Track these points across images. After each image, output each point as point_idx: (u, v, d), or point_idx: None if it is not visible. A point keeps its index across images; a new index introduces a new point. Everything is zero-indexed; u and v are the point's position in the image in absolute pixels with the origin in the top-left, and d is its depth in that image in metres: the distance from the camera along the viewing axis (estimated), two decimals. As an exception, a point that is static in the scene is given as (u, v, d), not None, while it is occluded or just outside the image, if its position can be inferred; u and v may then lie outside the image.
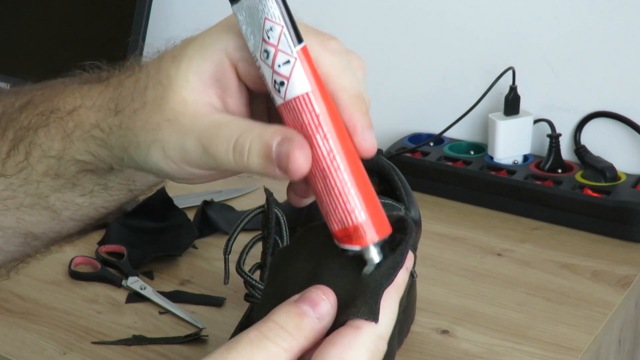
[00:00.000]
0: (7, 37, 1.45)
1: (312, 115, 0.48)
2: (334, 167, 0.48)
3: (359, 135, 0.49)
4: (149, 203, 1.07)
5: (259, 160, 0.49)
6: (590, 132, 1.16)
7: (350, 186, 0.48)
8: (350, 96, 0.50)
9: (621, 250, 1.04)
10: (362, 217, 0.49)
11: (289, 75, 0.48)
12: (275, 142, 0.48)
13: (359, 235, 0.49)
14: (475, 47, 1.22)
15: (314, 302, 0.49)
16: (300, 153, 0.47)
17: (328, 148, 0.48)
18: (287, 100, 0.48)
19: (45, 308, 0.94)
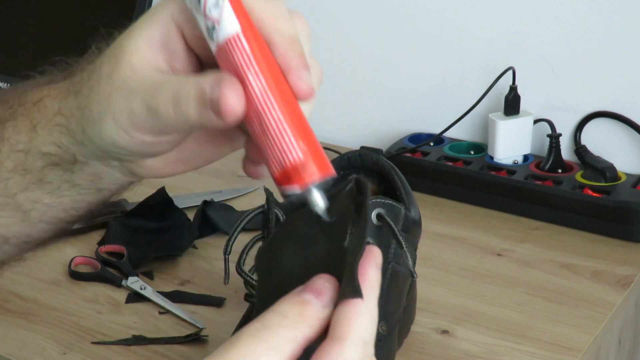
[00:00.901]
0: (7, 37, 1.45)
1: (243, 55, 0.47)
2: (267, 107, 0.47)
3: (294, 76, 0.48)
4: (149, 203, 1.07)
5: (196, 108, 0.48)
6: (590, 132, 1.16)
7: (286, 126, 0.47)
8: (284, 38, 0.49)
9: (621, 250, 1.04)
10: (300, 156, 0.47)
11: (219, 17, 0.48)
12: (208, 86, 0.48)
13: (298, 176, 0.48)
14: (475, 47, 1.22)
15: (318, 290, 0.48)
16: (231, 91, 0.47)
17: (260, 87, 0.47)
18: (219, 45, 0.48)
19: (45, 308, 0.94)
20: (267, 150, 0.48)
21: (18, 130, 0.58)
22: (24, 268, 1.01)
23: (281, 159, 0.48)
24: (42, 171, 0.59)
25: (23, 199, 0.60)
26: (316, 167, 0.48)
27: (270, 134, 0.48)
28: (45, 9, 1.42)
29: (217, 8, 0.48)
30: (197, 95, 0.48)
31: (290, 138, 0.47)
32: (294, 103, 0.48)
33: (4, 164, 0.59)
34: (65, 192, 0.60)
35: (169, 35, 0.52)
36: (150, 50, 0.52)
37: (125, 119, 0.52)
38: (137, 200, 1.08)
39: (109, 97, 0.52)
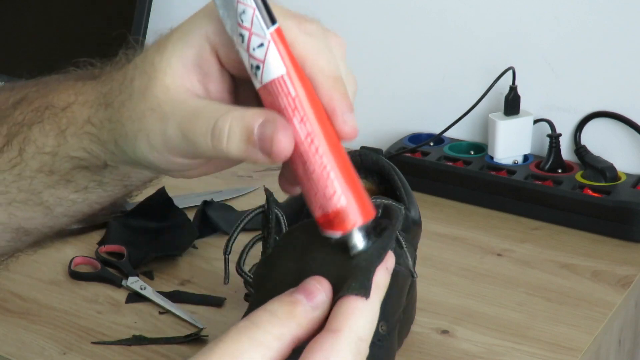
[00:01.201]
0: (7, 37, 1.45)
1: (289, 98, 0.47)
2: (312, 151, 0.47)
3: (338, 118, 0.48)
4: (149, 203, 1.07)
5: (239, 144, 0.48)
6: (590, 132, 1.16)
7: (330, 170, 0.47)
8: (328, 78, 0.49)
9: (621, 250, 1.04)
10: (343, 202, 0.48)
11: (264, 58, 0.47)
12: (256, 125, 0.47)
13: (340, 221, 0.48)
14: (475, 47, 1.22)
15: (308, 291, 0.48)
16: (283, 135, 0.46)
17: (306, 131, 0.47)
18: (264, 84, 0.48)
19: (45, 308, 0.94)
20: (309, 192, 0.48)
21: (45, 133, 0.58)
22: (24, 268, 1.01)
23: (323, 204, 0.48)
24: (70, 173, 0.59)
25: (48, 195, 0.60)
26: (358, 212, 0.48)
27: (313, 178, 0.48)
28: (45, 9, 1.42)
29: (262, 48, 0.47)
30: (243, 133, 0.47)
31: (333, 184, 0.48)
32: (338, 145, 0.48)
33: (29, 164, 0.59)
34: (92, 190, 0.60)
35: (203, 56, 0.51)
36: (184, 70, 0.51)
37: (159, 141, 0.51)
38: (137, 200, 1.08)
39: (142, 116, 0.51)
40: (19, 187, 0.60)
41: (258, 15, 0.47)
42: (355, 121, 0.49)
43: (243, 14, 0.47)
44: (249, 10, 0.47)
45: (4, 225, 0.62)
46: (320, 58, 0.49)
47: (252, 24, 0.47)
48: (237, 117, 0.48)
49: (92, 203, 0.61)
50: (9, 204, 0.60)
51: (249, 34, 0.47)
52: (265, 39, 0.47)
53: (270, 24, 0.47)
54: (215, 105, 0.50)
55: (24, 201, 0.60)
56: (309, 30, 0.50)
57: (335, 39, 0.52)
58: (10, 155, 0.59)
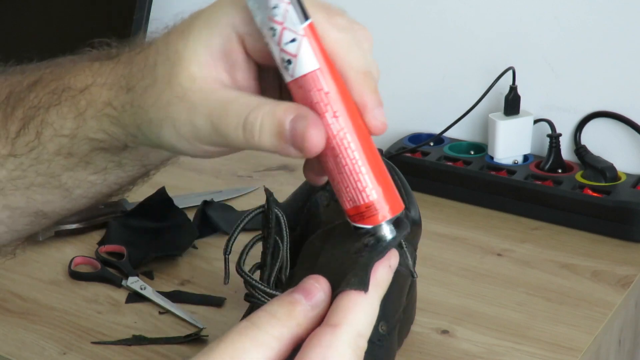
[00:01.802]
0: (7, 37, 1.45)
1: (322, 94, 0.48)
2: (344, 146, 0.48)
3: (369, 113, 0.49)
4: (149, 203, 1.07)
5: (271, 139, 0.48)
6: (590, 132, 1.16)
7: (362, 164, 0.48)
8: (359, 73, 0.49)
9: (621, 250, 1.04)
10: (374, 196, 0.49)
11: (296, 53, 0.47)
12: (288, 120, 0.47)
13: (371, 214, 0.49)
14: (475, 47, 1.22)
15: (306, 290, 0.48)
16: (315, 131, 0.47)
17: (338, 126, 0.48)
18: (295, 78, 0.48)
19: (45, 308, 0.94)
20: (340, 185, 0.49)
21: (63, 116, 0.57)
22: (24, 268, 1.01)
23: (354, 197, 0.49)
24: (89, 155, 0.58)
25: (66, 178, 0.60)
26: (388, 206, 0.49)
27: (345, 172, 0.48)
28: (45, 9, 1.42)
29: (295, 43, 0.47)
30: (274, 128, 0.48)
31: (364, 178, 0.48)
32: (368, 139, 0.49)
33: (47, 147, 0.58)
34: (111, 171, 0.60)
35: (230, 45, 0.50)
36: (210, 60, 0.50)
37: (188, 131, 0.51)
38: (137, 200, 1.08)
39: (168, 104, 0.51)
40: (37, 170, 0.59)
41: (291, 10, 0.47)
42: (385, 116, 0.50)
43: (276, 8, 0.47)
44: (282, 5, 0.47)
45: (22, 209, 0.61)
46: (351, 53, 0.50)
47: (285, 18, 0.47)
48: (269, 111, 0.48)
49: (110, 184, 0.61)
50: (27, 188, 0.60)
51: (281, 28, 0.47)
52: (298, 34, 0.47)
53: (303, 19, 0.47)
54: (245, 97, 0.50)
55: (42, 184, 0.60)
56: (338, 24, 0.50)
57: (362, 32, 0.52)
58: (27, 139, 0.58)
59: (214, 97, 0.50)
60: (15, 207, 0.61)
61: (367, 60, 0.51)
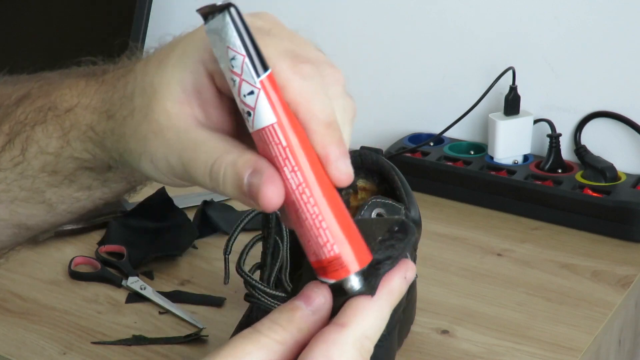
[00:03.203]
0: (7, 37, 1.45)
1: (279, 148, 0.46)
2: (304, 201, 0.47)
3: (331, 165, 0.48)
4: (149, 203, 1.07)
5: (232, 190, 0.48)
6: (590, 132, 1.16)
7: (322, 219, 0.47)
8: (321, 124, 0.48)
9: (621, 250, 1.04)
10: (336, 251, 0.47)
11: (254, 106, 0.46)
12: (246, 175, 0.47)
13: (334, 268, 0.47)
14: (475, 47, 1.22)
15: (306, 296, 0.48)
16: (270, 188, 0.46)
17: (297, 181, 0.47)
18: (255, 130, 0.47)
19: (45, 308, 0.94)
20: (302, 239, 0.48)
21: (48, 134, 0.57)
22: (24, 268, 1.01)
23: (317, 251, 0.47)
24: (74, 173, 0.59)
25: (51, 194, 0.60)
26: (353, 258, 0.47)
27: (306, 226, 0.47)
28: (45, 10, 1.42)
29: (252, 96, 0.46)
30: (234, 180, 0.47)
31: (326, 233, 0.47)
32: (332, 191, 0.47)
33: (32, 163, 0.59)
34: (96, 189, 0.60)
35: (201, 81, 0.50)
36: (183, 95, 0.50)
37: (163, 166, 0.51)
38: (137, 200, 1.08)
39: (145, 138, 0.51)
40: (21, 185, 0.60)
41: (248, 63, 0.46)
42: (350, 167, 0.48)
43: (233, 60, 0.46)
44: (239, 57, 0.46)
45: (5, 221, 0.62)
46: (314, 103, 0.48)
47: (242, 71, 0.46)
48: (231, 162, 0.48)
49: (95, 200, 0.61)
50: (11, 201, 0.60)
51: (239, 80, 0.46)
52: (255, 87, 0.46)
53: (261, 71, 0.46)
54: (213, 142, 0.49)
55: (26, 199, 0.60)
56: (303, 72, 0.48)
57: (332, 76, 0.50)
58: (12, 154, 0.59)
59: (185, 137, 0.50)
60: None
61: (331, 109, 0.49)
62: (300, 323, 0.48)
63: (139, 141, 0.52)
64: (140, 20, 1.30)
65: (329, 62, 0.51)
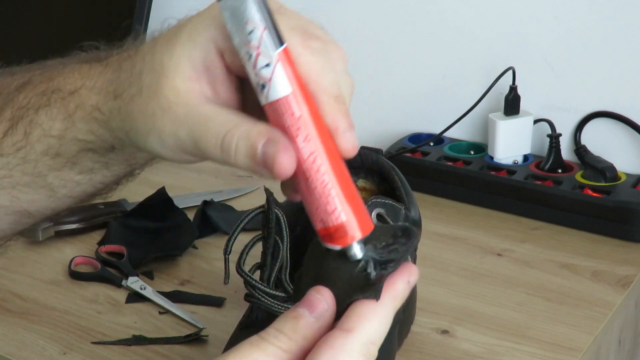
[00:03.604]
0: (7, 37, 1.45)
1: (293, 118, 0.49)
2: (314, 169, 0.49)
3: (340, 136, 0.50)
4: (149, 203, 1.07)
5: (245, 160, 0.49)
6: (590, 132, 1.16)
7: (331, 187, 0.49)
8: (331, 97, 0.50)
9: (621, 250, 1.04)
10: (343, 218, 0.49)
11: (270, 78, 0.48)
12: (260, 144, 0.49)
13: (340, 235, 0.50)
14: (475, 47, 1.22)
15: (309, 302, 0.49)
16: (285, 155, 0.48)
17: (309, 150, 0.49)
18: (269, 102, 0.49)
19: (45, 308, 0.94)
20: (311, 206, 0.50)
21: (52, 117, 0.58)
22: (24, 268, 1.01)
23: (324, 218, 0.50)
24: (76, 155, 0.59)
25: (52, 178, 0.60)
26: (358, 226, 0.50)
27: (315, 194, 0.49)
28: (45, 9, 1.42)
29: (269, 68, 0.48)
30: (248, 150, 0.49)
31: (334, 200, 0.49)
32: (340, 162, 0.50)
33: (34, 147, 0.59)
34: (97, 171, 0.61)
35: (210, 58, 0.51)
36: (193, 72, 0.51)
37: (172, 142, 0.52)
38: (137, 200, 1.08)
39: (153, 114, 0.52)
40: (23, 170, 0.60)
41: (266, 36, 0.48)
42: (356, 139, 0.51)
43: (251, 34, 0.48)
44: (257, 31, 0.48)
45: (6, 208, 0.62)
46: (324, 77, 0.51)
47: (260, 44, 0.48)
48: (243, 133, 0.49)
49: (96, 183, 0.62)
50: (12, 187, 0.61)
51: (256, 53, 0.48)
52: (272, 59, 0.48)
53: (278, 44, 0.48)
54: (224, 116, 0.51)
55: (28, 184, 0.61)
56: (313, 47, 0.51)
57: (337, 53, 0.53)
58: (14, 139, 0.59)
59: (195, 111, 0.51)
60: (0, 205, 0.61)
61: (339, 82, 0.51)
62: (305, 331, 0.48)
63: (146, 118, 0.53)
64: (144, 3, 1.30)
65: (333, 40, 0.53)
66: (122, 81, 0.55)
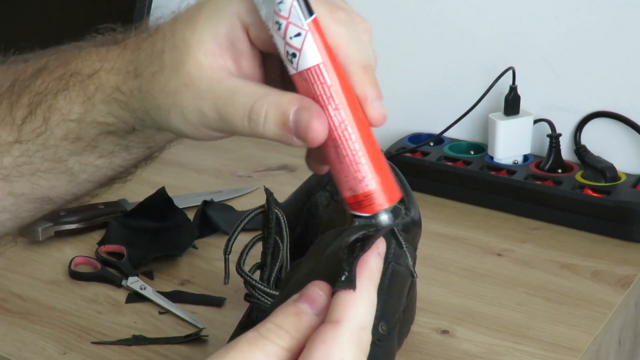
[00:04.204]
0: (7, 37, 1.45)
1: (325, 87, 0.49)
2: (345, 137, 0.50)
3: (369, 106, 0.51)
4: (149, 203, 1.07)
5: (275, 129, 0.50)
6: (590, 132, 1.16)
7: (362, 155, 0.50)
8: (360, 67, 0.51)
9: (621, 250, 1.04)
10: (372, 186, 0.50)
11: (300, 47, 0.49)
12: (292, 111, 0.49)
13: (368, 203, 0.50)
14: (475, 47, 1.22)
15: (311, 298, 0.48)
16: (318, 122, 0.49)
17: (340, 118, 0.50)
18: (300, 71, 0.49)
19: (45, 308, 0.94)
20: (340, 175, 0.51)
21: (71, 101, 0.58)
22: (24, 268, 1.01)
23: (354, 186, 0.50)
24: (96, 139, 0.59)
25: (73, 162, 0.60)
26: (385, 195, 0.51)
27: (345, 162, 0.50)
28: (45, 9, 1.42)
29: (299, 37, 0.49)
30: (278, 118, 0.49)
31: (364, 168, 0.50)
32: (368, 130, 0.51)
33: (54, 132, 0.59)
34: (117, 154, 0.61)
35: (235, 34, 0.52)
36: (216, 47, 0.52)
37: (195, 118, 0.52)
38: (137, 200, 1.08)
39: (176, 91, 0.52)
40: (43, 156, 0.60)
41: (296, 5, 0.49)
42: (384, 109, 0.51)
43: (281, 4, 0.49)
44: (288, 1, 0.49)
45: (27, 195, 0.62)
46: (352, 47, 0.51)
47: (290, 13, 0.49)
48: (273, 102, 0.50)
49: (116, 167, 0.62)
50: (32, 174, 0.60)
51: (286, 22, 0.49)
52: (302, 29, 0.49)
53: (308, 15, 0.49)
54: (251, 87, 0.51)
55: (48, 170, 0.60)
56: (340, 18, 0.51)
57: (362, 25, 0.53)
58: (34, 125, 0.59)
59: (220, 85, 0.51)
60: (20, 193, 0.61)
61: (366, 53, 0.52)
62: (306, 329, 0.48)
63: (168, 95, 0.53)
64: (143, 3, 1.30)
65: (358, 13, 0.54)
66: (142, 60, 0.54)
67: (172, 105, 0.53)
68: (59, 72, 0.59)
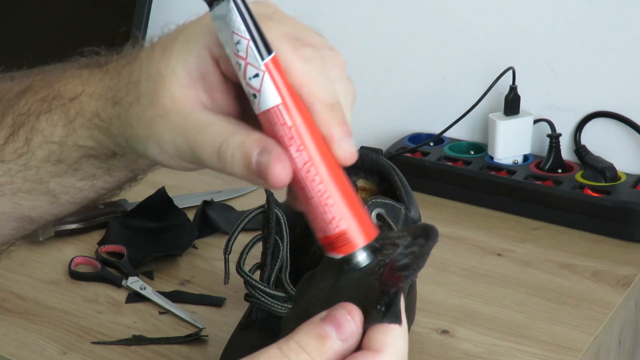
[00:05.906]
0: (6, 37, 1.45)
1: (285, 128, 0.48)
2: (310, 179, 0.48)
3: (336, 145, 0.49)
4: (149, 203, 1.07)
5: (241, 169, 0.49)
6: (590, 132, 1.16)
7: (328, 196, 0.48)
8: (324, 105, 0.49)
9: (621, 250, 1.04)
10: (344, 226, 0.49)
11: (259, 88, 0.48)
12: (254, 153, 0.48)
13: (342, 244, 0.49)
14: (475, 46, 1.22)
15: (338, 322, 0.47)
16: (279, 165, 0.47)
17: (303, 160, 0.48)
18: (261, 112, 0.48)
19: (45, 308, 0.94)
20: (310, 216, 0.49)
21: (53, 123, 0.58)
22: (24, 268, 1.01)
23: (323, 227, 0.49)
24: (78, 162, 0.59)
25: (54, 184, 0.60)
26: (359, 234, 0.49)
27: (313, 204, 0.49)
28: (45, 15, 1.42)
29: (257, 78, 0.48)
30: (243, 160, 0.48)
31: (332, 210, 0.49)
32: (336, 169, 0.49)
33: (36, 154, 0.59)
34: (99, 177, 0.60)
35: (206, 66, 0.51)
36: (189, 80, 0.51)
37: (170, 149, 0.52)
38: (137, 200, 1.08)
39: (152, 122, 0.52)
40: (24, 176, 0.60)
41: (252, 46, 0.48)
42: (353, 146, 0.50)
43: (238, 44, 0.48)
44: (244, 42, 0.48)
45: (8, 214, 0.62)
46: (316, 85, 0.49)
47: (247, 54, 0.48)
48: (239, 142, 0.49)
49: (98, 189, 0.62)
50: (13, 194, 0.60)
51: (244, 63, 0.48)
52: (260, 69, 0.48)
53: (265, 54, 0.48)
54: (220, 124, 0.50)
55: (29, 191, 0.60)
56: (305, 55, 0.50)
57: (333, 59, 0.52)
58: (16, 146, 0.59)
59: (192, 119, 0.51)
60: (1, 212, 0.62)
61: (333, 90, 0.50)
62: (329, 354, 0.47)
63: (145, 126, 0.53)
64: (142, 9, 1.30)
65: (330, 46, 0.52)
66: (120, 88, 0.54)
67: (149, 135, 0.53)
68: (42, 94, 0.59)
